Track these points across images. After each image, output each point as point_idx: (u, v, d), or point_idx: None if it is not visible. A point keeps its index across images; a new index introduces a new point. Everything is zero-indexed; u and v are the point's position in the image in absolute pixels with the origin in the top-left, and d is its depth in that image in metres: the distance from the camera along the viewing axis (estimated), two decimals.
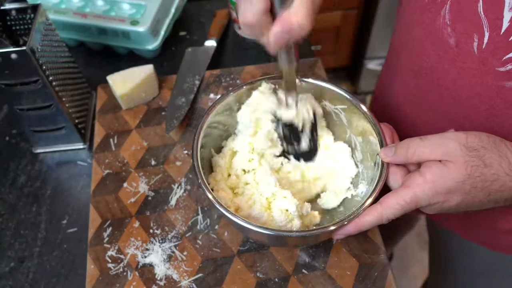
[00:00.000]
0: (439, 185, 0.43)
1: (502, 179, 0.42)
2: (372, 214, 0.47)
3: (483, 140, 0.43)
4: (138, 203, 0.64)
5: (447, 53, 0.51)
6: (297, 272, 0.57)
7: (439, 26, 0.50)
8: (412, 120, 0.64)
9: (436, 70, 0.54)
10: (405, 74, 0.62)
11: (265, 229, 0.47)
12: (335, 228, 0.47)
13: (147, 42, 0.81)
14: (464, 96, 0.52)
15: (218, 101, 0.57)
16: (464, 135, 0.44)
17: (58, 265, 0.62)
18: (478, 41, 0.47)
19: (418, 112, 0.62)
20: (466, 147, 0.43)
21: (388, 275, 0.57)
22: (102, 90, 0.77)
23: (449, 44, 0.50)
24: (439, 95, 0.55)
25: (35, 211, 0.67)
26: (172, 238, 0.60)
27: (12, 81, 0.62)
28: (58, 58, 0.67)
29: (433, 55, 0.53)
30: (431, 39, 0.53)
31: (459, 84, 0.52)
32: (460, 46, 0.49)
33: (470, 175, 0.42)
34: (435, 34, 0.51)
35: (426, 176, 0.44)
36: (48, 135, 0.71)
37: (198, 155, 0.53)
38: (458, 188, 0.43)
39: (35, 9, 0.63)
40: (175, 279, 0.57)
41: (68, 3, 0.83)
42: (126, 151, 0.69)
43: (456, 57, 0.50)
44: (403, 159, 0.47)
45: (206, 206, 0.63)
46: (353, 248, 0.59)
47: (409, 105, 0.63)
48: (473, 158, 0.42)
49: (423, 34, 0.54)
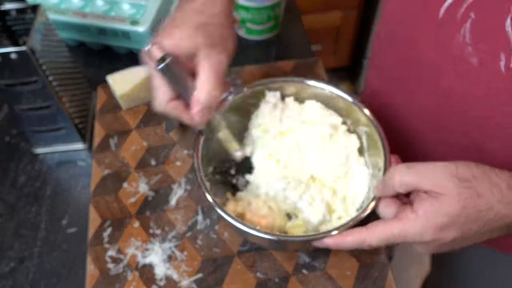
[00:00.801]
0: (431, 222, 0.42)
1: (495, 207, 0.41)
2: (356, 236, 0.46)
3: (473, 170, 0.42)
4: (138, 203, 0.64)
5: (469, 72, 0.48)
6: (297, 272, 0.57)
7: (458, 45, 0.47)
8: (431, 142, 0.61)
9: (454, 89, 0.51)
10: (414, 89, 0.58)
11: (264, 233, 0.48)
12: (337, 233, 0.47)
13: (147, 42, 0.81)
14: (487, 115, 0.49)
15: None
16: (453, 165, 0.42)
17: (58, 265, 0.62)
18: (505, 60, 0.44)
19: (433, 133, 0.59)
20: (458, 178, 0.41)
21: (388, 275, 0.57)
22: (102, 90, 0.77)
23: (471, 64, 0.47)
24: (456, 113, 0.52)
25: (35, 211, 0.67)
26: (172, 238, 0.60)
27: (12, 81, 0.62)
28: (58, 58, 0.67)
29: (452, 75, 0.50)
30: (450, 58, 0.49)
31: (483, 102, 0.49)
32: (485, 66, 0.46)
33: (464, 207, 0.41)
34: (454, 53, 0.48)
35: (418, 211, 0.42)
36: (48, 135, 0.71)
37: (199, 155, 0.53)
38: (452, 222, 0.42)
39: (35, 9, 0.63)
40: (175, 279, 0.57)
41: (68, 3, 0.83)
42: (126, 151, 0.69)
43: (481, 76, 0.47)
44: (391, 191, 0.46)
45: (206, 206, 0.63)
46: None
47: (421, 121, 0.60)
48: (466, 190, 0.41)
49: (440, 53, 0.50)
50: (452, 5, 0.46)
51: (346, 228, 0.47)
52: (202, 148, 0.55)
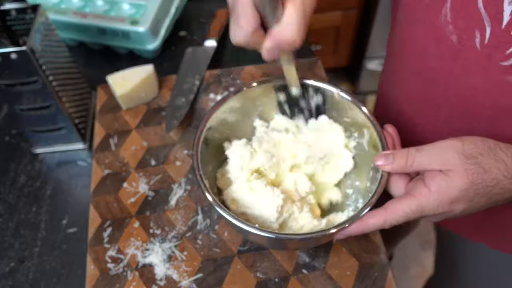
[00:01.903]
0: (444, 196, 0.44)
1: (501, 182, 0.43)
2: (376, 218, 0.47)
3: (479, 146, 0.44)
4: (138, 203, 0.64)
5: (449, 50, 0.50)
6: (297, 272, 0.57)
7: (441, 24, 0.50)
8: (416, 123, 0.63)
9: (438, 69, 0.54)
10: (406, 76, 0.62)
11: (264, 232, 0.47)
12: (336, 231, 0.47)
13: (147, 42, 0.81)
14: (468, 94, 0.52)
15: (219, 102, 0.57)
16: (460, 142, 0.44)
17: (58, 265, 0.62)
18: (480, 37, 0.46)
19: (422, 115, 0.62)
20: (464, 155, 0.44)
21: (388, 275, 0.57)
22: (102, 90, 0.77)
23: (451, 41, 0.50)
24: (443, 95, 0.55)
25: (35, 211, 0.67)
26: (172, 238, 0.60)
27: (12, 81, 0.62)
28: (58, 58, 0.67)
29: (434, 53, 0.53)
30: (433, 37, 0.52)
31: (463, 81, 0.51)
32: (463, 43, 0.49)
33: (472, 182, 0.43)
34: (436, 32, 0.51)
35: (431, 187, 0.45)
36: (48, 135, 0.71)
37: (198, 154, 0.53)
38: (462, 196, 0.44)
39: (35, 9, 0.63)
40: (175, 279, 0.57)
41: (68, 3, 0.83)
42: (126, 151, 0.69)
43: (459, 53, 0.50)
44: (401, 168, 0.48)
45: (206, 206, 0.63)
46: (353, 248, 0.59)
47: (413, 108, 0.63)
48: (472, 166, 0.43)
49: (424, 34, 0.54)
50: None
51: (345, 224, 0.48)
52: (202, 147, 0.55)
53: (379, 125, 0.54)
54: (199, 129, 0.55)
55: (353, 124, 0.58)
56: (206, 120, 0.56)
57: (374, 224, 0.47)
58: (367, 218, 0.48)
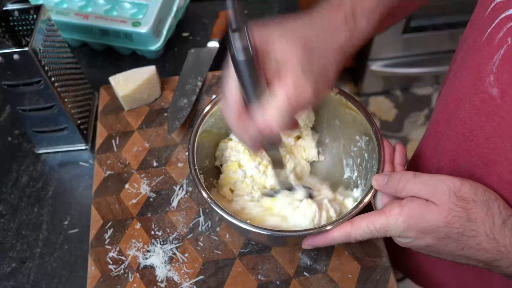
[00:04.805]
0: (413, 222, 0.42)
1: (480, 237, 0.40)
2: (341, 231, 0.46)
3: (478, 194, 0.41)
4: (140, 204, 0.64)
5: (486, 104, 0.44)
6: (298, 275, 0.57)
7: (485, 73, 0.43)
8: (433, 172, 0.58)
9: (470, 122, 0.47)
10: (439, 120, 0.56)
11: (263, 230, 0.48)
12: (331, 228, 0.47)
13: (149, 43, 0.81)
14: (492, 160, 0.45)
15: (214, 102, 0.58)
16: (459, 182, 0.41)
17: (59, 266, 0.62)
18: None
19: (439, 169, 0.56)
20: (456, 195, 0.41)
21: (390, 278, 0.56)
22: (104, 91, 0.77)
23: (490, 95, 0.43)
24: (466, 152, 0.49)
25: (37, 212, 0.67)
26: (173, 240, 0.60)
27: (14, 82, 0.62)
28: (60, 58, 0.67)
29: (470, 104, 0.46)
30: (474, 86, 0.45)
31: (492, 143, 0.45)
32: (505, 99, 0.42)
33: (448, 223, 0.41)
34: (477, 81, 0.45)
35: (404, 209, 0.43)
36: (50, 135, 0.71)
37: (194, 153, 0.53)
38: (431, 231, 0.42)
39: (38, 10, 0.63)
40: (176, 281, 0.57)
41: (70, 3, 0.83)
42: (128, 152, 0.69)
43: (497, 110, 0.43)
44: (393, 191, 0.46)
45: (207, 208, 0.63)
46: (355, 251, 0.58)
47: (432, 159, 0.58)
48: (458, 208, 0.41)
49: (468, 80, 0.47)
50: (494, 28, 0.42)
51: (337, 224, 0.47)
52: (197, 143, 0.55)
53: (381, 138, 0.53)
54: (194, 127, 0.55)
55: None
56: (203, 117, 0.56)
57: (339, 237, 0.46)
58: (332, 231, 0.46)
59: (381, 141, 0.52)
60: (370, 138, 0.54)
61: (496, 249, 0.40)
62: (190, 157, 0.53)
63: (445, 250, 0.43)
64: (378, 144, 0.52)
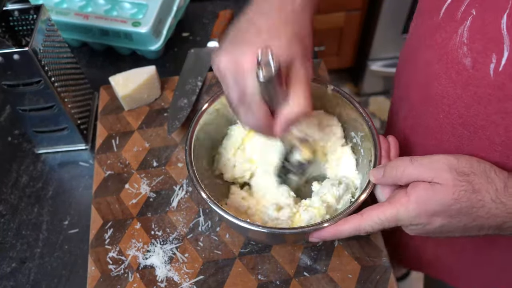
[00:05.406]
0: (423, 207, 0.43)
1: (488, 205, 0.41)
2: (351, 224, 0.46)
3: (474, 166, 0.42)
4: (140, 204, 0.64)
5: (461, 75, 0.46)
6: (298, 275, 0.57)
7: (454, 46, 0.46)
8: (421, 154, 0.60)
9: (447, 96, 0.49)
10: (413, 102, 0.58)
11: (261, 227, 0.48)
12: (328, 225, 0.47)
13: (149, 43, 0.81)
14: (478, 126, 0.48)
15: (211, 101, 0.58)
16: (455, 159, 0.43)
17: (59, 266, 0.62)
18: (495, 62, 0.42)
19: (426, 144, 0.58)
20: (457, 171, 0.42)
21: (390, 278, 0.56)
22: (104, 91, 0.77)
23: (464, 66, 0.45)
24: (450, 124, 0.51)
25: (37, 212, 0.67)
26: (173, 240, 0.60)
27: (14, 82, 0.62)
28: (60, 58, 0.67)
29: (444, 78, 0.49)
30: (444, 60, 0.48)
31: (473, 111, 0.47)
32: (476, 68, 0.44)
33: (457, 199, 0.41)
34: (449, 55, 0.47)
35: (411, 196, 0.43)
36: (50, 135, 0.71)
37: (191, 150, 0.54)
38: (443, 211, 0.42)
39: (38, 10, 0.63)
40: (176, 281, 0.57)
41: (70, 3, 0.83)
42: (128, 152, 0.69)
43: (471, 80, 0.45)
44: (392, 181, 0.47)
45: (207, 208, 0.63)
46: (355, 251, 0.58)
47: (418, 136, 0.60)
48: (462, 183, 0.42)
49: (435, 56, 0.49)
50: (451, 4, 0.46)
51: (336, 220, 0.48)
52: (195, 143, 0.55)
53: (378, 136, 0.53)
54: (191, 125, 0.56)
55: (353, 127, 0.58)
56: (201, 115, 0.57)
57: (349, 230, 0.46)
58: (342, 223, 0.47)
59: (377, 136, 0.52)
60: (365, 134, 0.55)
61: (505, 212, 0.41)
62: (188, 158, 0.53)
63: (458, 226, 0.43)
64: (373, 139, 0.52)
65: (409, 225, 0.45)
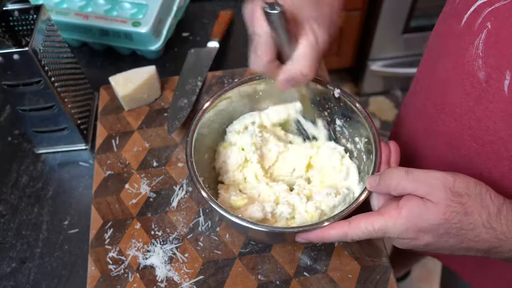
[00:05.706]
0: (412, 223, 0.42)
1: (478, 229, 0.41)
2: (338, 230, 0.46)
3: (470, 187, 0.42)
4: (140, 204, 0.64)
5: (474, 88, 0.46)
6: (298, 275, 0.57)
7: (470, 57, 0.45)
8: (427, 160, 0.59)
9: (460, 106, 0.49)
10: (427, 105, 0.57)
11: (261, 226, 0.48)
12: (327, 225, 0.47)
13: (149, 43, 0.81)
14: (486, 140, 0.47)
15: (212, 99, 0.58)
16: (452, 178, 0.42)
17: (59, 266, 0.62)
18: (510, 79, 0.42)
19: (434, 151, 0.57)
20: (452, 191, 0.41)
21: (390, 278, 0.56)
22: (104, 91, 0.77)
23: (478, 79, 0.45)
24: (459, 134, 0.51)
25: (37, 212, 0.67)
26: (173, 240, 0.60)
27: (14, 82, 0.62)
28: (60, 58, 0.67)
29: (459, 88, 0.48)
30: (460, 70, 0.48)
31: (484, 125, 0.47)
32: (490, 83, 0.44)
33: (447, 220, 0.41)
34: (465, 66, 0.46)
35: (402, 210, 0.43)
36: (50, 135, 0.71)
37: (191, 150, 0.54)
38: (430, 230, 0.42)
39: (38, 10, 0.63)
40: (176, 281, 0.57)
41: (70, 3, 0.83)
42: (128, 152, 0.69)
43: (484, 94, 0.45)
44: (386, 190, 0.46)
45: (207, 208, 0.63)
46: (355, 251, 0.58)
47: (426, 141, 0.59)
48: (455, 204, 0.41)
49: (451, 65, 0.49)
50: (472, 13, 0.44)
51: (336, 219, 0.47)
52: (195, 139, 0.55)
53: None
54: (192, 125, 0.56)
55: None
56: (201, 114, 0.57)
57: (335, 236, 0.46)
58: (329, 228, 0.46)
59: (379, 144, 0.52)
60: (369, 140, 0.54)
61: (495, 237, 0.41)
62: (188, 158, 0.53)
63: (444, 246, 0.43)
64: (375, 146, 0.52)
65: (396, 238, 0.44)
